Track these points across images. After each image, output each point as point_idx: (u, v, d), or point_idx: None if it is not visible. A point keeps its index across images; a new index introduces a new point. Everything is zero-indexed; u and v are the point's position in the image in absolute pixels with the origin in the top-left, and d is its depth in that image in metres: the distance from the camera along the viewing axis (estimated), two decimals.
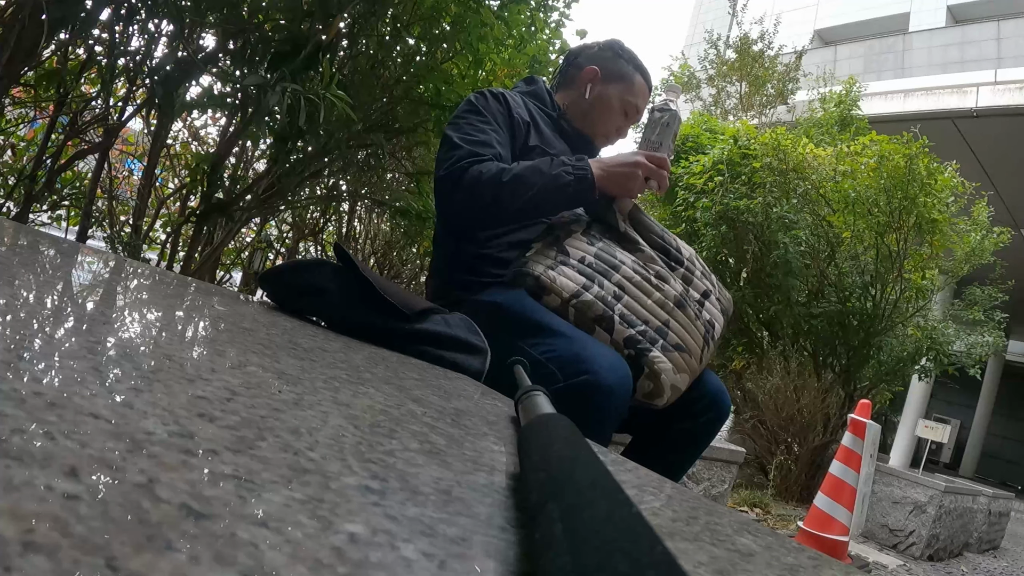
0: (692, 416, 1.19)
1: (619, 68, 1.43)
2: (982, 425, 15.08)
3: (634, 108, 1.44)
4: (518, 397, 0.54)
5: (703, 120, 6.21)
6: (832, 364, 4.75)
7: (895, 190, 4.31)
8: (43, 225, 2.40)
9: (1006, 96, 8.28)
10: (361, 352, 0.65)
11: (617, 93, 1.43)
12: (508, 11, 2.35)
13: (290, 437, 0.29)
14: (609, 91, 1.42)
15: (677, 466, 1.23)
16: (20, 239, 0.74)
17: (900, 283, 4.51)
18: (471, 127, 1.22)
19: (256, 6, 1.94)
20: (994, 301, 5.67)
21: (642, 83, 1.44)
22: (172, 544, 0.16)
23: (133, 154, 2.91)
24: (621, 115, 1.43)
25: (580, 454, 0.29)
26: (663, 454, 1.20)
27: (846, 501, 2.71)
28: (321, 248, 3.52)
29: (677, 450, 1.22)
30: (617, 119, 1.43)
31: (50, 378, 0.27)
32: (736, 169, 5.04)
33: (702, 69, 9.61)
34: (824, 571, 0.37)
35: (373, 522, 0.22)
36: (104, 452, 0.20)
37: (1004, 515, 4.73)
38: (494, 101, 1.29)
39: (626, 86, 1.43)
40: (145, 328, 0.48)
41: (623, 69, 1.43)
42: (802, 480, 4.20)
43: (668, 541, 0.25)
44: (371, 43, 2.23)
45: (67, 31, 1.83)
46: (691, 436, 1.21)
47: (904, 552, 3.41)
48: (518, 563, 0.23)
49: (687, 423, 1.19)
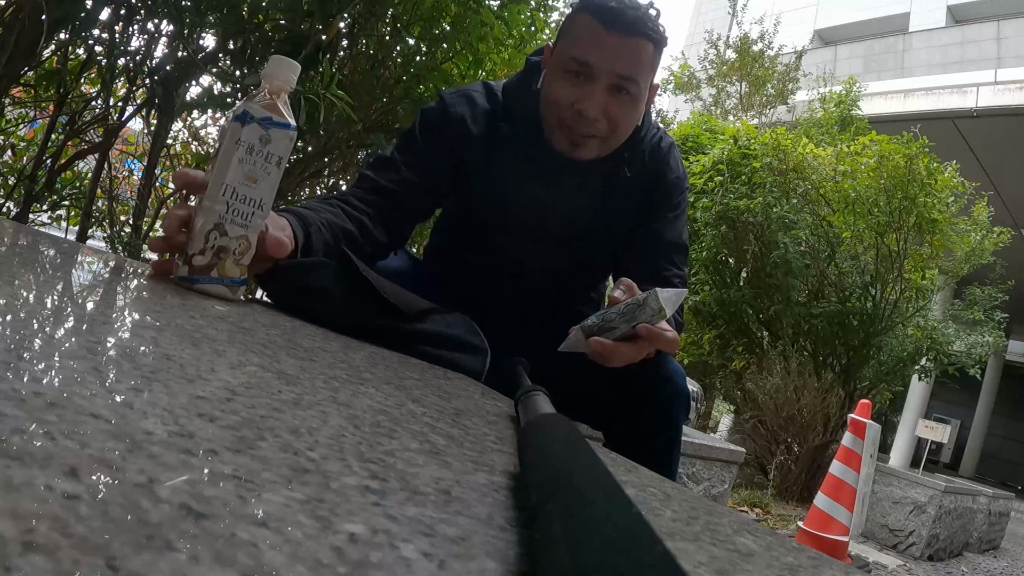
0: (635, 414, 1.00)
1: (564, 23, 0.99)
2: (982, 425, 15.08)
3: (576, 62, 0.93)
4: (518, 397, 0.54)
5: (703, 120, 6.21)
6: (832, 364, 4.75)
7: (895, 190, 4.31)
8: (43, 225, 2.40)
9: (1006, 96, 8.28)
10: (361, 352, 0.65)
11: (556, 60, 0.97)
12: (508, 11, 2.35)
13: (290, 437, 0.29)
14: (551, 63, 0.98)
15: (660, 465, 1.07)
16: (20, 239, 0.74)
17: (900, 283, 4.51)
18: (397, 145, 1.08)
19: (256, 6, 1.94)
20: (994, 301, 5.67)
21: (586, 22, 0.93)
22: (172, 544, 0.16)
23: (133, 154, 2.91)
24: (565, 85, 0.94)
25: (580, 454, 0.29)
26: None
27: (846, 501, 2.71)
28: None
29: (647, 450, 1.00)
30: (562, 93, 0.94)
31: (50, 378, 0.27)
32: (736, 169, 5.05)
33: (702, 69, 9.61)
34: (824, 571, 0.37)
35: (373, 522, 0.22)
36: (104, 452, 0.20)
37: (1004, 515, 4.72)
38: (422, 123, 1.07)
39: (566, 40, 0.96)
40: (145, 328, 0.48)
41: (568, 20, 0.98)
42: (802, 480, 4.20)
43: (668, 541, 0.25)
44: (371, 43, 2.23)
45: (67, 31, 1.83)
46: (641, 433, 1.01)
47: (904, 552, 3.40)
48: (518, 563, 0.23)
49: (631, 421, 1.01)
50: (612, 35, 0.92)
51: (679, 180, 1.12)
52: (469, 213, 1.12)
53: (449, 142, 1.04)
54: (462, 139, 1.04)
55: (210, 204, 0.68)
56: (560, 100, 0.95)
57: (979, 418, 15.06)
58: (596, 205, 1.06)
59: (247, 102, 0.70)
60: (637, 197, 1.08)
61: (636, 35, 0.93)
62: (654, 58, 0.96)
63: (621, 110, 0.96)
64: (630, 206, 1.08)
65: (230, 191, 0.68)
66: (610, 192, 1.05)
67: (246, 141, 0.68)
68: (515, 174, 1.04)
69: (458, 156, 1.04)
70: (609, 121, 0.96)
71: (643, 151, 1.07)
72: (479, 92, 1.08)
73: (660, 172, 1.09)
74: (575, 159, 1.00)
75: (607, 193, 1.05)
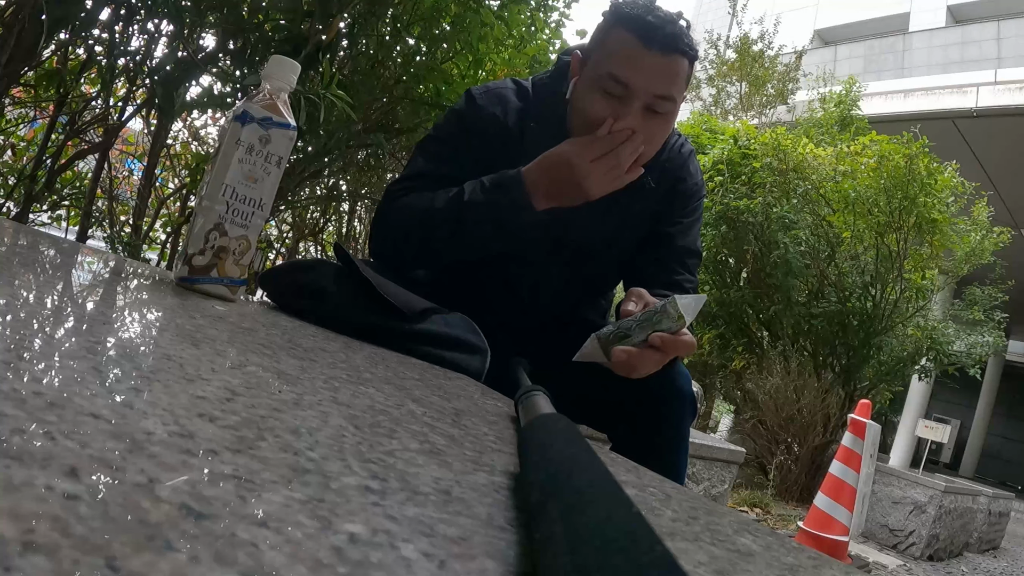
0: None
1: (598, 34, 0.96)
2: (982, 425, 15.08)
3: (613, 80, 0.91)
4: (518, 397, 0.54)
5: (703, 120, 6.20)
6: (832, 364, 4.75)
7: (895, 190, 4.31)
8: (43, 225, 2.40)
9: (1006, 96, 8.28)
10: (361, 352, 0.65)
11: (592, 73, 0.94)
12: (508, 11, 2.35)
13: (290, 437, 0.29)
14: (585, 75, 0.96)
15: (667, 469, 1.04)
16: (20, 239, 0.74)
17: (900, 283, 4.51)
18: (427, 153, 1.05)
19: (256, 6, 1.94)
20: (994, 301, 5.67)
21: (624, 38, 0.91)
22: (172, 544, 0.16)
23: (133, 154, 2.91)
24: (600, 102, 0.92)
25: (580, 454, 0.29)
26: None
27: (846, 501, 2.71)
28: (321, 248, 3.52)
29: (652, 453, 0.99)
30: (597, 108, 0.93)
31: (50, 378, 0.27)
32: (736, 169, 5.05)
33: (702, 69, 9.60)
34: (824, 571, 0.37)
35: (373, 522, 0.22)
36: (104, 452, 0.20)
37: (1004, 515, 4.72)
38: (457, 122, 1.05)
39: (601, 54, 0.94)
40: (145, 328, 0.48)
41: (602, 32, 0.96)
42: (802, 480, 4.20)
43: (668, 541, 0.25)
44: (371, 43, 2.23)
45: (67, 31, 1.83)
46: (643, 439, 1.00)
47: (904, 552, 3.40)
48: (518, 563, 0.23)
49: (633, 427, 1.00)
50: (651, 54, 0.90)
51: (697, 187, 1.11)
52: None
53: (485, 141, 1.01)
54: (498, 139, 1.01)
55: (210, 204, 0.68)
56: (594, 117, 0.93)
57: (979, 418, 15.06)
58: (618, 216, 1.04)
59: (247, 102, 0.70)
60: (655, 204, 1.06)
61: (674, 53, 0.91)
62: (689, 74, 0.95)
63: (656, 129, 0.94)
64: (648, 213, 1.07)
65: (230, 191, 0.68)
66: (633, 201, 1.03)
67: (246, 141, 0.68)
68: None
69: (491, 157, 1.00)
70: (645, 140, 0.93)
71: (664, 156, 1.06)
72: (511, 89, 1.06)
73: (679, 179, 1.08)
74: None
75: (629, 202, 1.03)
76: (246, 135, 0.68)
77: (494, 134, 1.01)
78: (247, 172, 0.68)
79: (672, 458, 1.00)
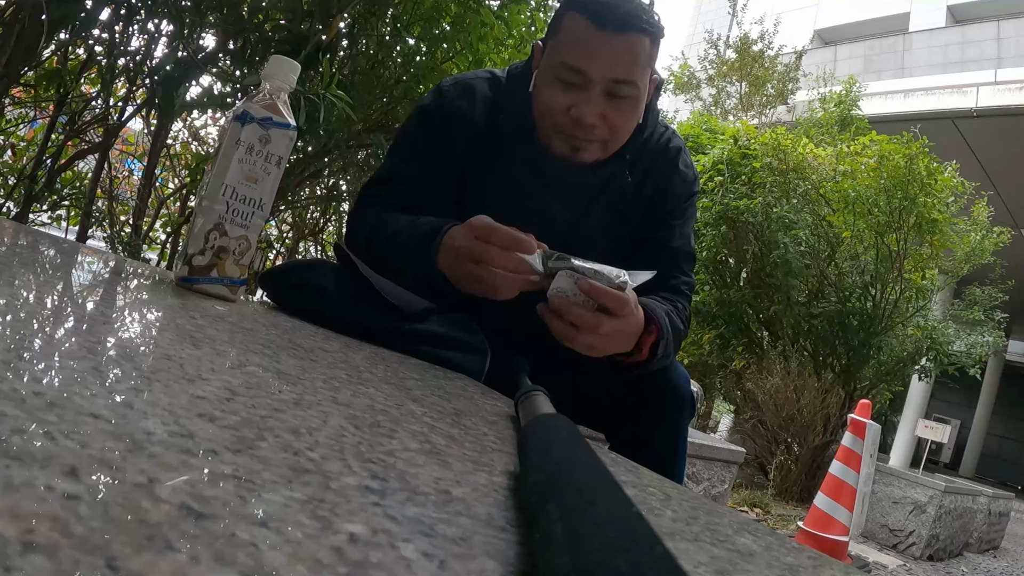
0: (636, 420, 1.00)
1: (553, 21, 0.93)
2: (982, 425, 15.08)
3: (568, 69, 0.87)
4: (518, 397, 0.54)
5: (703, 120, 6.21)
6: (832, 364, 4.75)
7: (895, 190, 4.31)
8: (43, 225, 2.40)
9: (1006, 96, 8.28)
10: (361, 352, 0.65)
11: (548, 63, 0.91)
12: (508, 11, 2.35)
13: (290, 437, 0.29)
14: (544, 65, 0.93)
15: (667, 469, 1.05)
16: (20, 239, 0.74)
17: (900, 283, 4.51)
18: (396, 155, 1.03)
19: (256, 6, 1.94)
20: (994, 301, 5.67)
21: (577, 22, 0.87)
22: (172, 544, 0.16)
23: (133, 154, 2.91)
24: (558, 93, 0.89)
25: (580, 454, 0.29)
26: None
27: (846, 501, 2.71)
28: (321, 248, 3.52)
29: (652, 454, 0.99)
30: (555, 99, 0.89)
31: (50, 378, 0.27)
32: (736, 169, 5.05)
33: (702, 69, 9.61)
34: (824, 571, 0.37)
35: (373, 522, 0.22)
36: (104, 452, 0.20)
37: (1004, 515, 4.73)
38: (421, 119, 1.02)
39: (556, 42, 0.90)
40: (145, 328, 0.48)
41: (557, 18, 0.92)
42: (802, 480, 4.20)
43: (668, 541, 0.25)
44: (371, 43, 2.23)
45: (67, 31, 1.83)
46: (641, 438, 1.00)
47: (904, 552, 3.40)
48: (518, 563, 0.23)
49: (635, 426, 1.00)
50: (605, 34, 0.86)
51: (688, 186, 1.07)
52: (463, 218, 1.10)
53: (449, 138, 0.99)
54: (463, 135, 0.98)
55: (210, 204, 0.68)
56: (554, 107, 0.90)
57: (979, 418, 15.05)
58: (598, 212, 1.02)
59: (247, 102, 0.70)
60: (644, 205, 1.03)
61: (630, 31, 0.86)
62: (651, 53, 0.90)
63: (620, 114, 0.91)
64: (636, 213, 1.03)
65: (230, 191, 0.68)
66: (613, 199, 1.01)
67: (246, 141, 0.68)
68: (513, 176, 0.99)
69: (460, 153, 0.99)
70: (608, 126, 0.91)
71: (648, 153, 1.02)
72: (484, 79, 1.02)
73: (668, 178, 1.04)
74: (575, 162, 0.95)
75: (610, 200, 1.01)
76: (246, 135, 0.68)
77: (460, 129, 0.98)
78: (247, 172, 0.68)
79: (671, 458, 0.99)
